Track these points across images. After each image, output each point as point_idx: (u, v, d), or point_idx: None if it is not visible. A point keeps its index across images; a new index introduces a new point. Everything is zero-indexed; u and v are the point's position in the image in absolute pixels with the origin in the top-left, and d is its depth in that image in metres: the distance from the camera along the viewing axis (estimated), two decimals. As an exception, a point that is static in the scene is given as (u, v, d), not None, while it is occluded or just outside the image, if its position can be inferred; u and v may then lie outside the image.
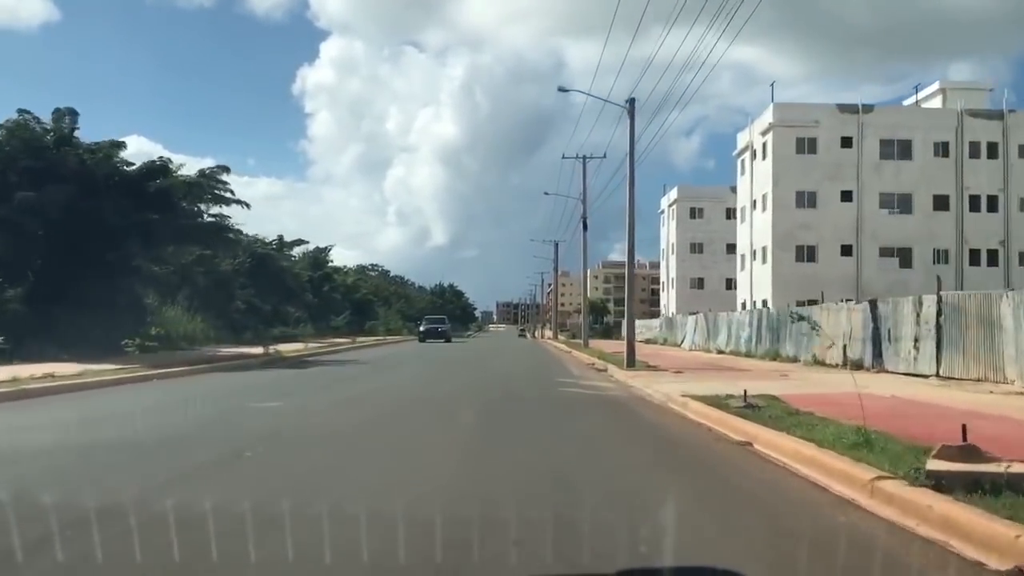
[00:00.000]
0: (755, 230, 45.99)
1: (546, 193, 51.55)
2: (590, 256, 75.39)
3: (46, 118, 22.70)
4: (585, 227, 43.96)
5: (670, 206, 68.93)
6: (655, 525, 4.54)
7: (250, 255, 43.47)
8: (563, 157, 44.37)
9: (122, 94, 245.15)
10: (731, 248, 66.45)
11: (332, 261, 70.71)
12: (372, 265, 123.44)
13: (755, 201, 46.31)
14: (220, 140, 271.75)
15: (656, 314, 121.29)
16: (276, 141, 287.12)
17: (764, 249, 45.16)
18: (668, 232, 69.74)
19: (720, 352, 36.06)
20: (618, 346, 45.20)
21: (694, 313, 45.79)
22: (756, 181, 45.93)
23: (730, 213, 66.54)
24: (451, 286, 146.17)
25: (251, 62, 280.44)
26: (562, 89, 24.74)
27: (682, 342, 44.75)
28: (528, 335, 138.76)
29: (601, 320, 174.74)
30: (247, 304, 40.92)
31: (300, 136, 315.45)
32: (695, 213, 66.95)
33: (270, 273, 43.31)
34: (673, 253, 68.12)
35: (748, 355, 32.33)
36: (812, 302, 39.31)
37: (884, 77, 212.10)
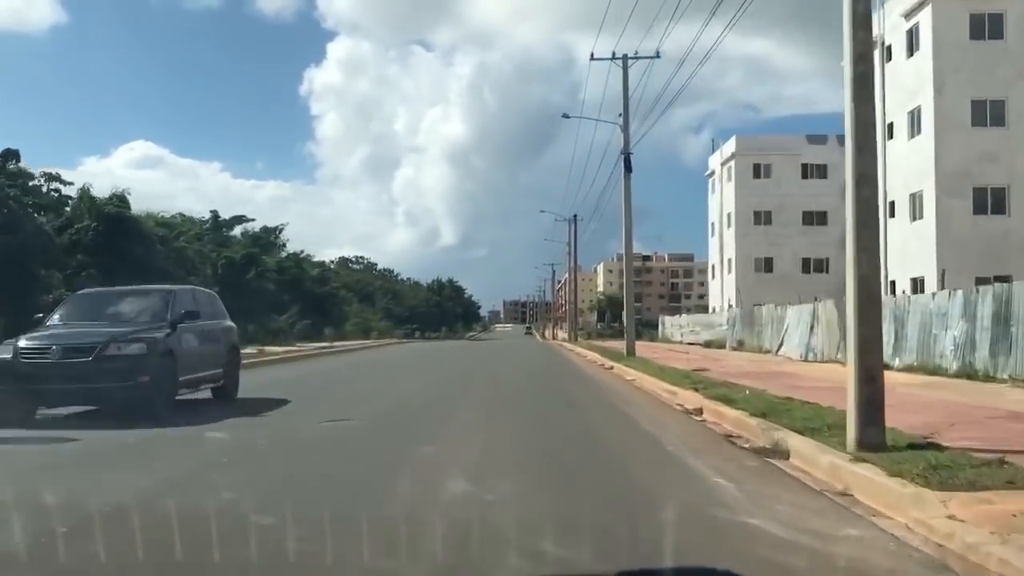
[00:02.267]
0: (894, 169, 29.26)
1: (566, 116, 32.19)
2: (596, 254, 59.98)
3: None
4: (628, 166, 27.65)
5: (724, 164, 52.42)
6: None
7: (96, 218, 27.33)
8: (591, 58, 28.27)
9: (128, 98, 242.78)
10: (808, 217, 50.03)
11: (285, 244, 54.99)
12: (357, 257, 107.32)
13: (891, 125, 29.56)
14: (227, 144, 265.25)
15: (678, 311, 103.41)
16: (283, 144, 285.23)
17: (916, 197, 28.47)
18: (721, 200, 53.20)
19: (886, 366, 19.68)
20: (672, 355, 28.65)
21: (780, 302, 29.44)
22: (895, 91, 29.22)
23: (808, 170, 50.12)
24: (450, 281, 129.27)
25: (258, 64, 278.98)
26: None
27: (779, 348, 28.30)
28: (536, 335, 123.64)
29: (618, 318, 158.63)
30: (82, 295, 24.73)
31: (308, 138, 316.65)
32: (760, 171, 50.31)
33: (131, 247, 27.16)
34: (729, 226, 51.57)
35: (974, 376, 16.29)
36: (1001, 279, 22.95)
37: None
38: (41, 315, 12.10)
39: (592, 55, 27.89)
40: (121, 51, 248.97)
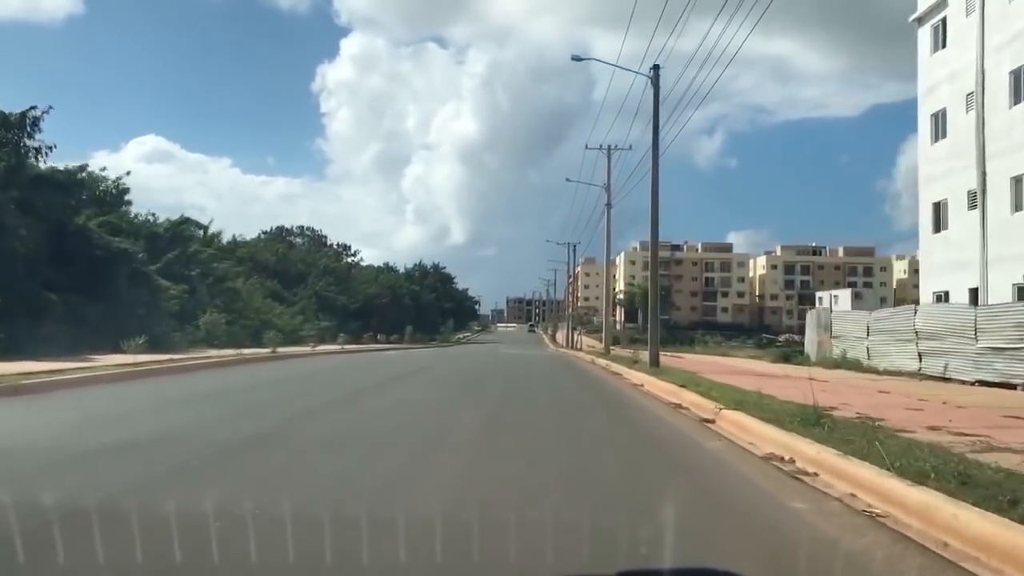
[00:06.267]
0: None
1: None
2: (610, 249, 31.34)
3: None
4: None
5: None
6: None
7: None
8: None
9: (139, 91, 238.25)
10: None
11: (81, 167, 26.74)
12: (300, 228, 78.43)
13: None
14: (237, 139, 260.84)
15: (712, 311, 73.90)
16: (294, 139, 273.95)
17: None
18: (976, 54, 24.28)
19: None
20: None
21: None
22: None
23: None
24: (436, 268, 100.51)
25: (270, 59, 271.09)
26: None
27: None
28: (544, 337, 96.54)
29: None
30: None
31: (318, 135, 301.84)
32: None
33: None
34: (987, 106, 22.72)
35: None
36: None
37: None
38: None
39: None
40: (135, 43, 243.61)
